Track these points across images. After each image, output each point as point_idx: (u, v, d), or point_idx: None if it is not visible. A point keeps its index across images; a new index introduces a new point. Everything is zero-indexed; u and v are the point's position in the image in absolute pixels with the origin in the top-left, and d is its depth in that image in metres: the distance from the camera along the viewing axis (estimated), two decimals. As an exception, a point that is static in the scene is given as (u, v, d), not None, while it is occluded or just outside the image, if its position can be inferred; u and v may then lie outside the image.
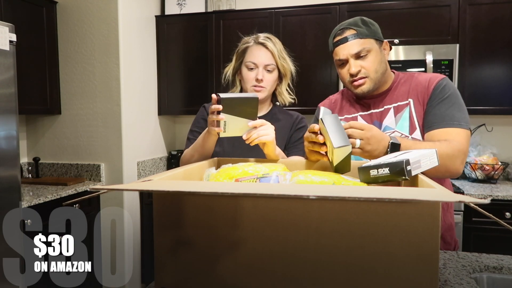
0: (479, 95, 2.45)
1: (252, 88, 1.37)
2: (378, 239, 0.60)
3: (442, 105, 1.13)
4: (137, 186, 0.59)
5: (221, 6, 3.04)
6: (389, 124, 1.21)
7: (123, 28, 2.63)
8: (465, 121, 1.11)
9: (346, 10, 2.59)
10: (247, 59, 1.38)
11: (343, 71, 1.21)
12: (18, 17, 2.36)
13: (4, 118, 1.79)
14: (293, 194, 0.54)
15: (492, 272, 1.01)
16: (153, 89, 3.03)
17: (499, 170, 2.49)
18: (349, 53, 1.17)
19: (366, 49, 1.16)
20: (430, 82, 1.18)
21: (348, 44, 1.17)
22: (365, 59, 1.17)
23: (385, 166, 0.78)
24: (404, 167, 0.75)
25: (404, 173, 0.75)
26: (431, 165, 0.77)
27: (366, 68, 1.17)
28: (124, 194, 2.63)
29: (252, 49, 1.38)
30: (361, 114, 1.26)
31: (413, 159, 0.76)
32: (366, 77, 1.18)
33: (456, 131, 1.09)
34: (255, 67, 1.36)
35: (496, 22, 2.41)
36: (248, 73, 1.37)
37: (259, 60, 1.36)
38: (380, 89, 1.24)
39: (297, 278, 0.63)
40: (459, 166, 1.06)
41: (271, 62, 1.37)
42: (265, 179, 0.89)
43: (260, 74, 1.35)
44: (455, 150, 1.04)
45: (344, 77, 1.22)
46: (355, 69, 1.16)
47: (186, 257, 0.68)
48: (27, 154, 2.85)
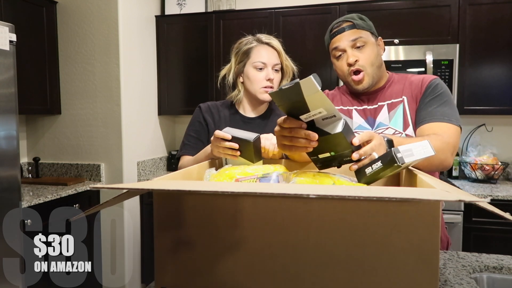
0: (479, 95, 2.45)
1: (261, 89, 1.36)
2: (378, 239, 0.60)
3: (434, 102, 1.16)
4: (137, 186, 0.59)
5: (221, 6, 3.05)
6: (382, 120, 1.22)
7: (123, 28, 2.63)
8: (455, 117, 1.13)
9: (346, 10, 2.59)
10: (255, 59, 1.36)
11: (341, 63, 1.23)
12: (18, 17, 2.36)
13: (4, 118, 1.79)
14: (293, 193, 0.54)
15: (492, 272, 1.01)
16: (153, 89, 3.03)
17: (499, 170, 2.49)
18: (347, 41, 1.19)
19: (362, 40, 1.19)
20: (423, 81, 1.21)
21: (345, 33, 1.20)
22: (361, 50, 1.19)
23: (377, 161, 0.80)
24: (394, 155, 0.75)
25: (396, 160, 0.75)
26: (426, 154, 0.77)
27: (362, 60, 1.19)
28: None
29: (259, 49, 1.37)
30: (356, 108, 1.28)
31: (403, 147, 0.77)
32: (363, 71, 1.19)
33: (446, 126, 1.11)
34: (264, 67, 1.36)
35: (496, 22, 2.41)
36: (257, 74, 1.36)
37: (268, 60, 1.36)
38: (375, 86, 1.25)
39: (297, 278, 0.63)
40: (450, 158, 1.07)
41: (278, 61, 1.38)
42: (265, 179, 0.89)
43: (271, 74, 1.35)
44: (444, 142, 1.05)
45: (343, 70, 1.23)
46: (353, 59, 1.18)
47: (186, 257, 0.68)
48: (27, 154, 2.85)
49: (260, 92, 1.37)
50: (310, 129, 0.78)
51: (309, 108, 0.75)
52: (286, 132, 0.81)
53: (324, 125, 0.79)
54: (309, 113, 0.76)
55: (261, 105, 1.46)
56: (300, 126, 0.78)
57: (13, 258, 1.83)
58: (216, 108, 1.46)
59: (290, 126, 0.79)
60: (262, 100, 1.39)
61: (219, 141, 1.03)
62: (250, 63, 1.37)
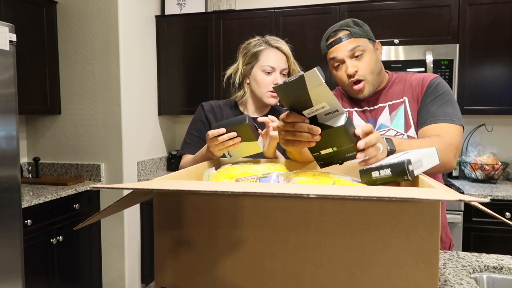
0: (479, 95, 2.46)
1: (268, 93, 1.36)
2: (378, 239, 0.60)
3: (435, 102, 1.15)
4: (137, 186, 0.59)
5: (221, 6, 3.05)
6: (384, 122, 1.22)
7: (123, 28, 2.63)
8: (457, 117, 1.12)
9: (346, 10, 2.59)
10: (264, 63, 1.35)
11: (340, 73, 1.21)
12: (18, 17, 2.36)
13: (4, 118, 1.79)
14: (293, 193, 0.54)
15: (492, 272, 1.01)
16: (153, 89, 3.03)
17: (499, 170, 2.49)
18: (345, 52, 1.17)
19: (360, 48, 1.17)
20: (424, 81, 1.20)
21: (343, 44, 1.17)
22: (360, 59, 1.17)
23: (386, 167, 0.77)
24: (406, 167, 0.74)
25: (406, 173, 0.74)
26: (433, 164, 0.77)
27: (362, 70, 1.17)
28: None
29: (268, 52, 1.36)
30: (356, 110, 1.27)
31: (415, 159, 0.75)
32: (363, 80, 1.18)
33: (449, 127, 1.10)
34: (272, 71, 1.35)
35: (496, 22, 2.41)
36: (265, 78, 1.36)
37: (277, 64, 1.35)
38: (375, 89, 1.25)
39: (297, 278, 0.63)
40: (453, 160, 1.06)
41: (286, 66, 1.38)
42: (265, 179, 0.89)
43: (279, 79, 1.35)
44: (447, 144, 1.04)
45: (342, 80, 1.21)
46: (352, 69, 1.16)
47: (186, 257, 0.68)
48: (27, 154, 2.85)
49: (267, 96, 1.37)
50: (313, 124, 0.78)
51: (312, 103, 0.75)
52: (289, 127, 0.81)
53: (326, 120, 0.79)
54: (312, 108, 0.76)
55: (266, 107, 1.46)
56: (303, 120, 0.78)
57: (13, 258, 1.83)
58: (218, 107, 1.46)
59: (293, 120, 0.79)
60: (267, 103, 1.39)
61: (215, 139, 1.03)
62: (258, 66, 1.36)
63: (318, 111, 0.77)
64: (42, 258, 2.20)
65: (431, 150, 0.78)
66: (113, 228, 2.69)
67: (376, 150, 0.82)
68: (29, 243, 2.08)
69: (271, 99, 1.37)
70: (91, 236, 2.62)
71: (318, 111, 0.77)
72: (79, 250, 2.50)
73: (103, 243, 2.72)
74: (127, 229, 2.69)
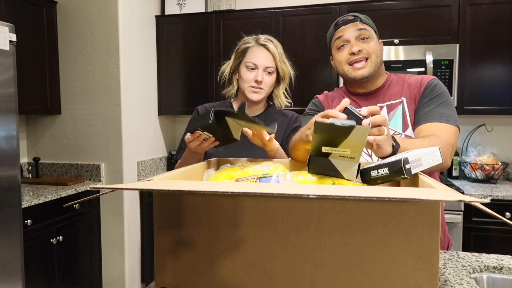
0: (479, 95, 2.46)
1: (249, 88, 1.38)
2: (378, 239, 0.60)
3: (432, 102, 1.16)
4: (138, 186, 0.59)
5: (221, 6, 3.05)
6: None
7: (123, 28, 2.63)
8: (453, 118, 1.13)
9: (346, 10, 2.59)
10: (248, 59, 1.38)
11: (342, 53, 1.22)
12: (18, 17, 2.36)
13: (4, 118, 1.79)
14: (293, 193, 0.54)
15: (492, 272, 1.01)
16: (153, 89, 3.03)
17: (499, 170, 2.49)
18: (352, 32, 1.19)
19: (367, 33, 1.19)
20: (422, 82, 1.21)
21: (351, 24, 1.20)
22: (366, 42, 1.19)
23: (384, 166, 0.79)
24: (403, 166, 0.75)
25: (403, 172, 0.75)
26: (434, 163, 0.77)
27: (367, 50, 1.19)
28: (124, 194, 2.63)
29: (253, 50, 1.38)
30: None
31: (413, 158, 0.76)
32: (367, 58, 1.19)
33: (444, 126, 1.11)
34: (255, 68, 1.37)
35: (496, 22, 2.41)
36: (247, 74, 1.38)
37: (260, 62, 1.37)
38: (374, 85, 1.25)
39: (297, 278, 0.63)
40: (448, 159, 1.07)
41: (271, 64, 1.38)
42: (265, 179, 0.89)
43: (260, 76, 1.36)
44: (443, 143, 1.05)
45: (343, 59, 1.22)
46: (356, 48, 1.18)
47: (186, 257, 0.68)
48: (27, 154, 2.85)
49: (248, 91, 1.39)
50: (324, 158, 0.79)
51: (339, 147, 0.75)
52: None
53: (338, 163, 0.79)
54: (334, 148, 0.76)
55: (256, 106, 1.46)
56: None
57: (13, 258, 1.83)
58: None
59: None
60: (249, 99, 1.40)
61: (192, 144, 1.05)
62: (244, 62, 1.39)
63: (337, 152, 0.77)
64: (42, 258, 2.20)
65: (433, 149, 0.78)
66: (113, 228, 2.69)
67: (378, 131, 0.82)
68: (29, 243, 2.08)
69: (252, 94, 1.38)
70: (91, 236, 2.62)
71: (337, 152, 0.77)
72: (79, 250, 2.50)
73: (103, 243, 2.72)
74: (127, 229, 2.69)
